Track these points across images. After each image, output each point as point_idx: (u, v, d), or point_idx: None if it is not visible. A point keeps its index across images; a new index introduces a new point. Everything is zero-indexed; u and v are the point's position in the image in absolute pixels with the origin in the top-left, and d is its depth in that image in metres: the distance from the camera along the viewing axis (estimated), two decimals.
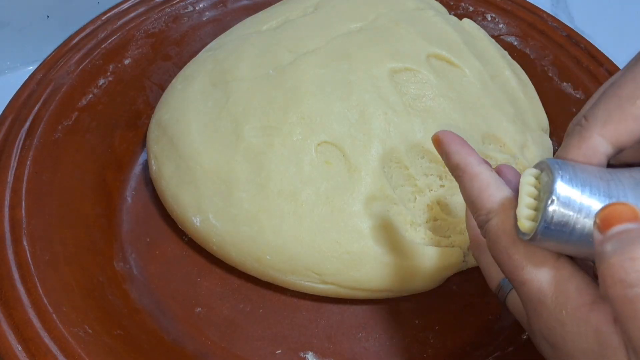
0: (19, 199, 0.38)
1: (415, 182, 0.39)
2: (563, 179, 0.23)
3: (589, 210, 0.23)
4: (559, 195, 0.23)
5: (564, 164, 0.24)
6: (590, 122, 0.25)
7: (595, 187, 0.23)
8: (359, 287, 0.37)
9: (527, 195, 0.24)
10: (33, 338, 0.32)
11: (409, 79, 0.41)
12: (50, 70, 0.44)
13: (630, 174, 0.24)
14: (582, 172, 0.24)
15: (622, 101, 0.24)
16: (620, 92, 0.24)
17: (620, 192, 0.23)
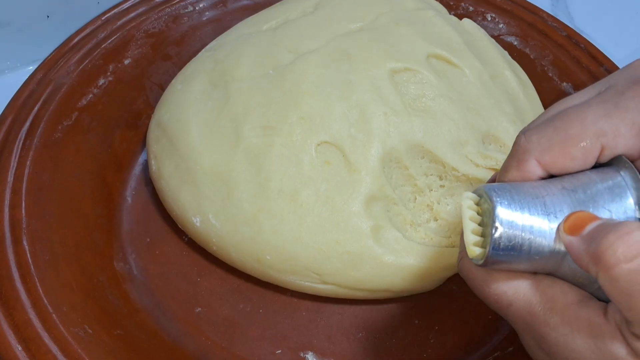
0: (19, 199, 0.38)
1: (415, 182, 0.39)
2: (502, 204, 0.25)
3: (531, 229, 0.24)
4: (501, 220, 0.24)
5: (500, 189, 0.25)
6: (531, 146, 0.26)
7: (532, 207, 0.25)
8: (358, 287, 0.37)
9: (470, 221, 0.26)
10: (33, 338, 0.32)
11: (409, 79, 0.41)
12: (50, 70, 0.44)
13: (561, 185, 0.25)
14: (518, 194, 0.25)
15: (567, 139, 0.25)
16: (567, 128, 0.26)
17: (556, 206, 0.25)
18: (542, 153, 0.26)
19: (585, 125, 0.25)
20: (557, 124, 0.26)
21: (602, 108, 0.26)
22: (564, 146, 0.26)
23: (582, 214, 0.24)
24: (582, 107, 0.26)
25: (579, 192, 0.25)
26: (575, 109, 0.26)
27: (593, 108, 0.26)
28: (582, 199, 0.25)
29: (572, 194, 0.25)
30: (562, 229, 0.24)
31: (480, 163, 0.39)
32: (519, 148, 0.27)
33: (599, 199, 0.25)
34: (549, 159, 0.26)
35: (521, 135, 0.27)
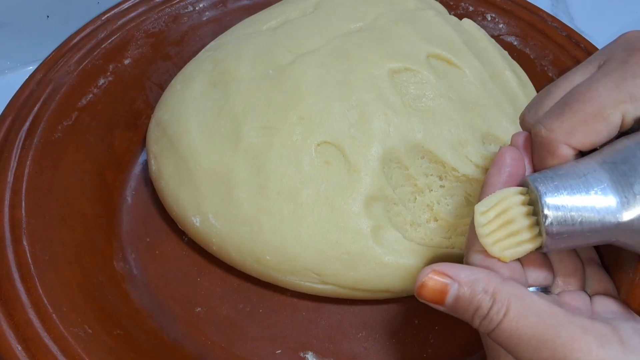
0: (19, 199, 0.37)
1: (415, 182, 0.39)
2: (547, 192, 0.26)
3: (578, 209, 0.26)
4: (549, 206, 0.26)
5: (543, 177, 0.27)
6: (555, 134, 0.28)
7: (576, 188, 0.26)
8: (358, 288, 0.37)
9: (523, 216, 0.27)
10: (33, 338, 0.32)
11: (409, 79, 0.41)
12: (50, 70, 0.44)
13: (602, 159, 0.27)
14: (560, 178, 0.27)
15: (587, 118, 0.27)
16: (584, 108, 0.27)
17: (599, 182, 0.26)
18: (569, 137, 0.27)
19: (601, 101, 0.27)
20: (574, 106, 0.27)
21: (611, 80, 0.27)
22: (587, 125, 0.27)
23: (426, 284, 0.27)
24: (591, 84, 0.27)
25: (619, 164, 0.26)
26: (586, 87, 0.27)
27: (602, 82, 0.27)
28: (623, 170, 0.26)
29: (613, 167, 0.26)
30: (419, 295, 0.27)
31: (480, 163, 0.39)
32: (544, 140, 0.28)
33: (639, 166, 0.26)
34: (576, 140, 0.27)
35: (539, 127, 0.28)
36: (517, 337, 0.25)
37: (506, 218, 0.28)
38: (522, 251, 0.28)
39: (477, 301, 0.26)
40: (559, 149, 0.28)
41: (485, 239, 0.28)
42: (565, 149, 0.28)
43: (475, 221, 0.28)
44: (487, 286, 0.25)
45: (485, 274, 0.26)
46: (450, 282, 0.26)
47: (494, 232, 0.28)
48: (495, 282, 0.26)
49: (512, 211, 0.28)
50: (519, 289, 0.25)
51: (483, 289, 0.25)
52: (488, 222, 0.28)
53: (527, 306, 0.25)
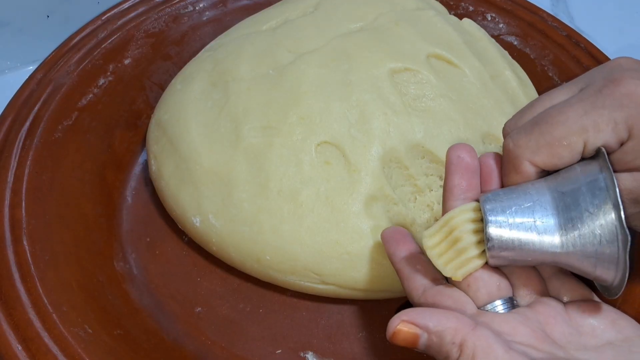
0: (19, 199, 0.37)
1: (416, 182, 0.39)
2: (492, 213, 0.28)
3: (519, 234, 0.27)
4: (491, 233, 0.28)
5: (493, 198, 0.28)
6: (521, 151, 0.29)
7: (521, 213, 0.28)
8: (358, 288, 0.37)
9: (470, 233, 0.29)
10: (33, 338, 0.32)
11: (409, 79, 0.41)
12: (50, 70, 0.44)
13: (555, 187, 0.28)
14: (509, 200, 0.28)
15: (553, 140, 0.28)
16: (552, 130, 0.28)
17: (543, 211, 0.28)
18: (533, 155, 0.28)
19: (568, 125, 0.28)
20: (542, 126, 0.28)
21: (581, 107, 0.28)
22: (551, 147, 0.28)
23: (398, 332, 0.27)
24: (563, 108, 0.28)
25: (567, 195, 0.27)
26: (557, 110, 0.28)
27: (574, 107, 0.28)
28: (567, 203, 0.27)
29: (561, 196, 0.28)
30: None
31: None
32: (510, 153, 0.29)
33: (582, 201, 0.27)
34: (539, 160, 0.28)
35: (509, 140, 0.30)
36: None
37: (453, 237, 0.29)
38: (473, 267, 0.29)
39: (446, 351, 0.26)
40: (522, 165, 0.29)
41: (436, 261, 0.29)
42: (528, 166, 0.29)
43: (424, 245, 0.29)
44: (455, 337, 0.26)
45: (454, 322, 0.27)
46: (420, 332, 0.27)
47: (444, 254, 0.29)
48: (462, 332, 0.26)
49: (458, 230, 0.29)
50: (487, 340, 0.26)
51: (451, 340, 0.26)
52: (436, 244, 0.29)
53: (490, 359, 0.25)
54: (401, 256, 0.32)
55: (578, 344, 0.27)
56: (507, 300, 0.29)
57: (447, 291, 0.29)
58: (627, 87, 0.27)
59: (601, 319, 0.28)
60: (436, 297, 0.29)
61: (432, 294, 0.30)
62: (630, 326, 0.28)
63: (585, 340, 0.27)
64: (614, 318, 0.28)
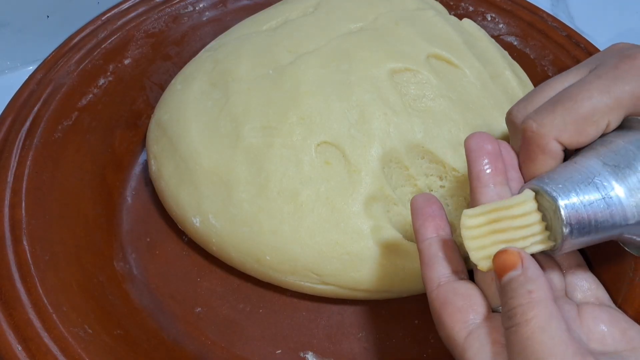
0: (19, 199, 0.37)
1: (416, 182, 0.39)
2: (561, 198, 0.27)
3: (594, 212, 0.27)
4: (567, 214, 0.26)
5: (552, 183, 0.27)
6: (546, 129, 0.28)
7: (587, 191, 0.27)
8: (358, 288, 0.37)
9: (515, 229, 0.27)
10: (33, 338, 0.32)
11: (409, 79, 0.41)
12: (50, 70, 0.44)
13: (602, 162, 0.27)
14: (570, 182, 0.27)
15: (580, 118, 0.28)
16: (578, 109, 0.28)
17: (606, 184, 0.27)
18: (560, 133, 0.28)
19: (593, 104, 0.27)
20: (566, 104, 0.28)
21: (602, 84, 0.28)
22: (578, 124, 0.28)
23: (506, 258, 0.26)
24: (584, 85, 0.28)
25: (622, 167, 0.27)
26: (578, 87, 0.28)
27: (595, 84, 0.28)
28: (628, 173, 0.27)
29: (617, 169, 0.27)
30: (490, 265, 0.27)
31: None
32: (534, 134, 0.28)
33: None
34: (566, 137, 0.28)
35: (530, 121, 0.29)
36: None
37: (497, 228, 0.27)
38: None
39: (519, 295, 0.25)
40: (549, 145, 0.28)
41: (469, 243, 0.28)
42: (555, 145, 0.28)
43: (462, 223, 0.28)
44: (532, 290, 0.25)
45: (543, 284, 0.26)
46: (520, 265, 0.26)
47: (479, 238, 0.28)
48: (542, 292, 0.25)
49: (506, 222, 0.27)
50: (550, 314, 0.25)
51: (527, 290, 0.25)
52: (475, 226, 0.28)
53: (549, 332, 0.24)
54: (427, 236, 0.30)
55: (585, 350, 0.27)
56: None
57: (461, 289, 0.28)
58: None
59: (612, 327, 0.28)
60: (448, 295, 0.28)
61: (446, 290, 0.29)
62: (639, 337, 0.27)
63: (592, 347, 0.27)
64: (625, 328, 0.28)
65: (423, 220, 0.31)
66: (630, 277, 0.34)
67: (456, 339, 0.28)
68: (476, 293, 0.29)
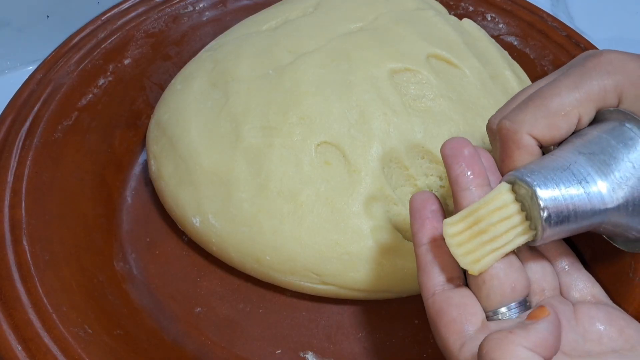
0: (19, 199, 0.38)
1: (416, 182, 0.39)
2: (539, 186, 0.26)
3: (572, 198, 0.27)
4: (545, 200, 0.26)
5: (530, 172, 0.27)
6: (518, 125, 0.29)
7: (564, 179, 0.27)
8: (358, 288, 0.37)
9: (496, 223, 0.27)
10: (33, 338, 0.32)
11: (409, 79, 0.41)
12: (50, 70, 0.44)
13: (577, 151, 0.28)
14: (546, 170, 0.27)
15: (549, 113, 0.29)
16: (547, 104, 0.29)
17: (583, 172, 0.27)
18: (531, 127, 0.29)
19: (562, 98, 0.28)
20: (537, 101, 0.29)
21: (570, 81, 0.29)
22: (549, 119, 0.29)
23: None
24: (553, 84, 0.29)
25: (598, 154, 0.27)
26: (548, 86, 0.29)
27: (563, 82, 0.29)
28: (603, 159, 0.27)
29: (592, 156, 0.27)
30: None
31: None
32: (508, 131, 0.29)
33: (617, 154, 0.27)
34: (538, 132, 0.29)
35: (504, 121, 0.30)
36: None
37: (478, 229, 0.27)
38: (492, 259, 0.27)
39: None
40: (523, 139, 0.29)
41: (455, 250, 0.27)
42: (529, 139, 0.29)
43: (444, 232, 0.28)
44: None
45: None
46: None
47: (464, 244, 0.27)
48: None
49: (485, 222, 0.27)
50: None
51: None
52: (458, 232, 0.28)
53: None
54: (423, 240, 0.30)
55: (582, 350, 0.27)
56: (520, 303, 0.28)
57: (455, 299, 0.28)
58: (608, 56, 0.29)
59: (609, 326, 0.28)
60: (443, 305, 0.28)
61: (440, 299, 0.28)
62: (637, 335, 0.27)
63: (589, 347, 0.27)
64: (622, 326, 0.28)
65: (421, 224, 0.30)
66: (629, 278, 0.34)
67: (451, 349, 0.27)
68: (470, 301, 0.28)
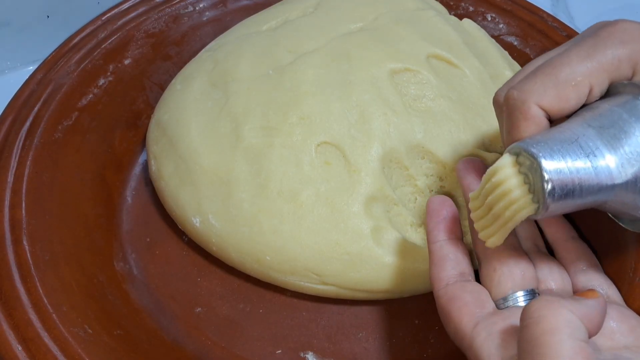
0: (19, 199, 0.37)
1: (416, 182, 0.39)
2: (545, 157, 0.25)
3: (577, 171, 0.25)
4: (549, 171, 0.25)
5: (535, 143, 0.26)
6: (527, 94, 0.28)
7: (571, 151, 0.26)
8: (358, 288, 0.37)
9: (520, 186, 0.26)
10: (33, 338, 0.32)
11: (409, 79, 0.41)
12: (50, 70, 0.44)
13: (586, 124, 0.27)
14: (553, 142, 0.26)
15: (559, 82, 0.27)
16: (557, 73, 0.27)
17: (591, 145, 0.26)
18: (540, 97, 0.27)
19: (573, 67, 0.27)
20: (546, 71, 0.28)
21: (582, 50, 0.27)
22: (558, 89, 0.27)
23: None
24: (564, 53, 0.28)
25: (607, 127, 0.26)
26: (558, 55, 0.28)
27: (574, 51, 0.27)
28: (613, 133, 0.26)
29: (602, 130, 0.26)
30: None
31: None
32: (516, 101, 0.28)
33: (629, 128, 0.26)
34: (547, 102, 0.27)
35: (511, 90, 0.28)
36: None
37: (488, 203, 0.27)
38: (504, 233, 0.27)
39: None
40: (531, 110, 0.28)
41: (476, 224, 0.28)
42: (537, 110, 0.28)
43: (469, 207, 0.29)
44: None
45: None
46: None
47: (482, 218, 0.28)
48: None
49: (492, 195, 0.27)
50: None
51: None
52: (478, 206, 0.28)
53: None
54: (439, 238, 0.31)
55: (594, 345, 0.27)
56: (528, 293, 0.29)
57: (469, 287, 0.29)
58: (622, 25, 0.27)
59: (621, 324, 0.28)
60: (457, 292, 0.29)
61: (454, 288, 0.29)
62: None
63: (601, 342, 0.27)
64: (634, 325, 0.28)
65: (437, 223, 0.31)
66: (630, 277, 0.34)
67: (464, 329, 0.28)
68: (483, 292, 0.29)
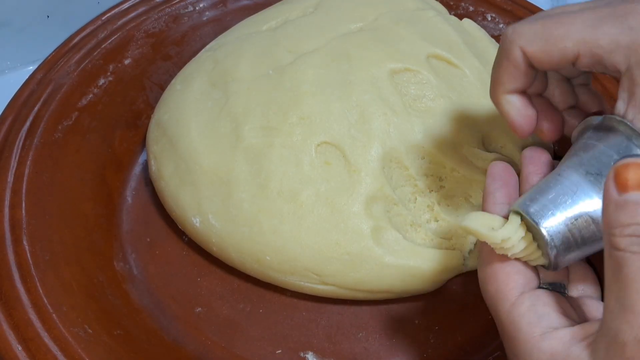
0: (19, 199, 0.38)
1: (416, 182, 0.39)
2: (544, 219, 0.27)
3: (578, 226, 0.27)
4: (551, 236, 0.27)
5: (534, 204, 0.27)
6: (516, 36, 0.28)
7: (569, 207, 0.27)
8: (358, 288, 0.37)
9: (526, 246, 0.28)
10: (33, 338, 0.32)
11: (409, 79, 0.41)
12: (50, 70, 0.44)
13: (585, 170, 0.27)
14: (550, 200, 0.27)
15: (550, 37, 0.27)
16: (554, 29, 0.27)
17: (587, 197, 0.27)
18: (526, 43, 0.28)
19: (571, 30, 0.27)
20: (547, 22, 0.28)
21: (591, 17, 0.27)
22: (546, 42, 0.27)
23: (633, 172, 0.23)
24: (574, 14, 0.28)
25: (604, 174, 0.26)
26: (568, 14, 0.28)
27: (584, 16, 0.27)
28: None
29: (599, 178, 0.27)
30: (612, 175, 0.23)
31: (480, 164, 0.39)
32: (505, 39, 0.29)
33: None
34: (530, 49, 0.28)
35: (509, 27, 0.29)
36: None
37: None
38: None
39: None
40: (513, 52, 0.28)
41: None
42: (519, 53, 0.28)
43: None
44: None
45: None
46: None
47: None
48: None
49: (509, 254, 0.28)
50: None
51: None
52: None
53: None
54: (499, 200, 0.31)
55: None
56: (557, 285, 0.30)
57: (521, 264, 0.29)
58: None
59: None
60: (509, 259, 0.29)
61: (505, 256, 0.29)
62: None
63: None
64: None
65: (499, 186, 0.31)
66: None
67: (508, 293, 0.28)
68: (533, 270, 0.29)
